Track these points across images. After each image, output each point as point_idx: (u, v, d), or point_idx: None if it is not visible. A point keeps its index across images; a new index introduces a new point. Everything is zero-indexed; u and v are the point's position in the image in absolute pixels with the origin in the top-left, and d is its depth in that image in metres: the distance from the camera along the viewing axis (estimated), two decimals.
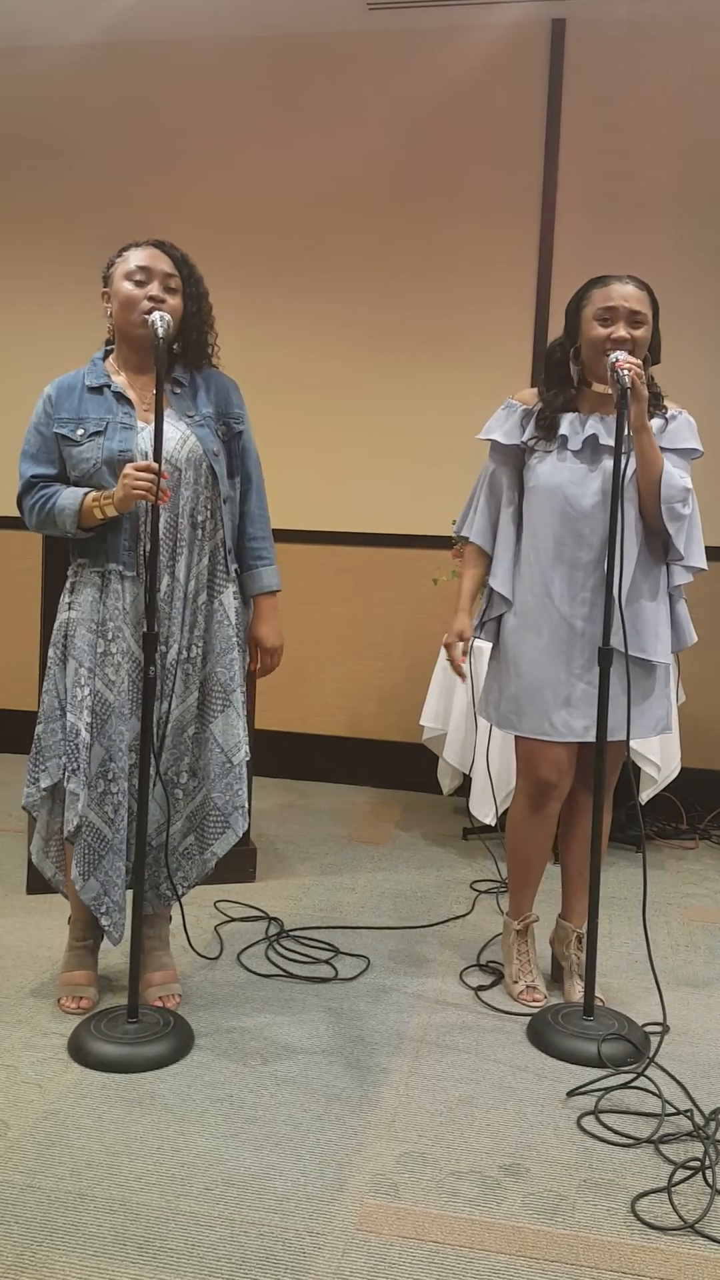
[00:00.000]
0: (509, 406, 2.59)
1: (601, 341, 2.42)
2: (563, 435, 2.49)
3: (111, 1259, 1.69)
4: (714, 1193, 1.90)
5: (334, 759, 4.51)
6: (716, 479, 4.07)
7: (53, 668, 2.40)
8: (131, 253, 2.36)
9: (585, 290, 2.49)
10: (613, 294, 2.42)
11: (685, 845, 3.89)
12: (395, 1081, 2.24)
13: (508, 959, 2.70)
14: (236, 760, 2.44)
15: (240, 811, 2.45)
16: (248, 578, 2.50)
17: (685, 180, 4.13)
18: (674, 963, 2.88)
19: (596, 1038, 2.35)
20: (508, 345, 4.25)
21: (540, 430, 2.52)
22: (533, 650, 2.52)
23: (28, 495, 2.38)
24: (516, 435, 2.55)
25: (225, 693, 2.42)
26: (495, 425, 2.60)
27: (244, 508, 2.49)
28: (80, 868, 2.36)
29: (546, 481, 2.50)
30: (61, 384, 2.40)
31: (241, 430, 2.47)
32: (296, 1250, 1.73)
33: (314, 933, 2.97)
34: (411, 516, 4.39)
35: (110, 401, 2.36)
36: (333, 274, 4.40)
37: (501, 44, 4.19)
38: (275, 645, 2.53)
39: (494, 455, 2.62)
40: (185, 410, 2.40)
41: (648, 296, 2.45)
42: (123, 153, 4.51)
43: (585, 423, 2.49)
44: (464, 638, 2.62)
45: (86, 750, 2.33)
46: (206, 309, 2.42)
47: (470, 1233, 1.78)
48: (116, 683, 2.35)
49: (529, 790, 2.58)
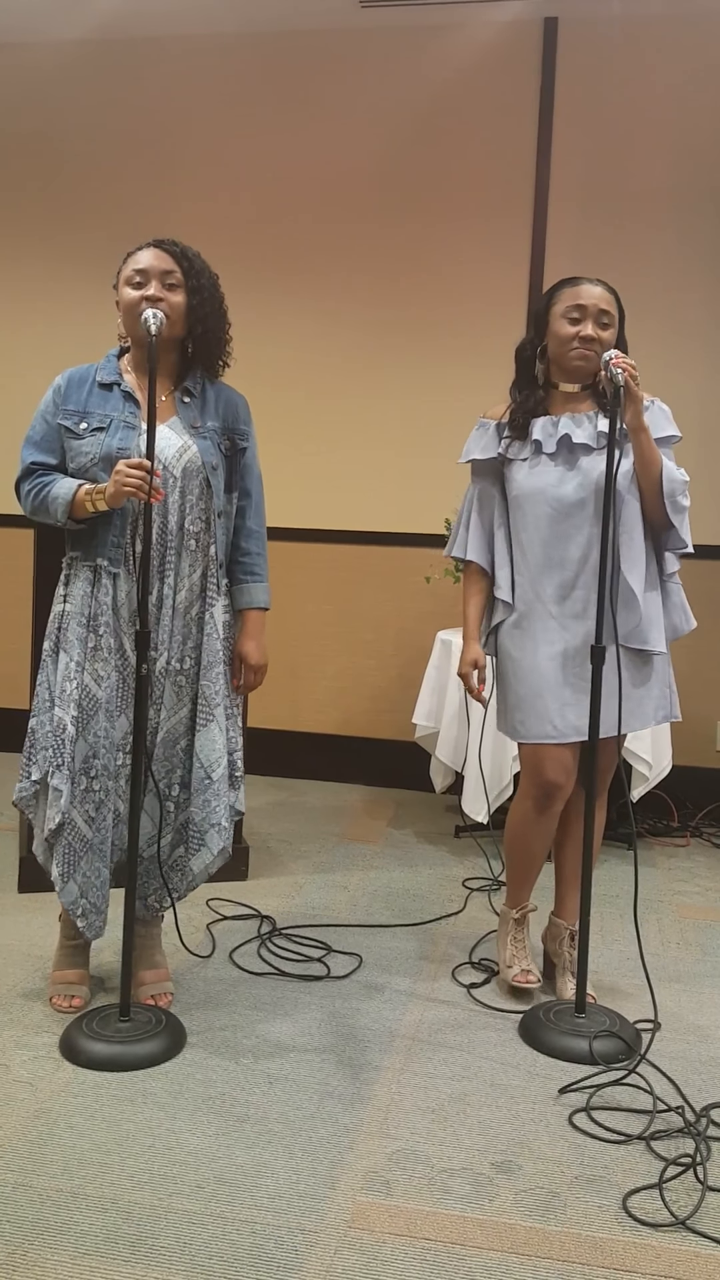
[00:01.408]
0: (482, 425, 2.62)
1: (570, 339, 2.46)
2: (536, 440, 2.52)
3: (104, 1257, 1.69)
4: (705, 1189, 1.91)
5: (326, 757, 4.51)
6: (710, 473, 4.08)
7: (46, 660, 2.40)
8: (134, 256, 2.36)
9: (555, 290, 2.53)
10: (582, 294, 2.47)
11: (676, 843, 3.90)
12: (387, 1079, 2.24)
13: (502, 945, 2.70)
14: (215, 775, 2.41)
15: (216, 829, 2.41)
16: (237, 592, 2.50)
17: (677, 179, 4.13)
18: (665, 960, 2.89)
19: (588, 1035, 2.36)
20: (499, 343, 4.21)
21: (512, 433, 2.54)
22: (530, 656, 2.52)
23: (25, 481, 2.39)
24: (493, 448, 2.58)
25: (209, 707, 2.41)
26: (473, 446, 2.62)
27: (240, 523, 2.49)
28: (60, 868, 2.35)
29: (526, 488, 2.52)
30: (73, 375, 2.41)
31: (246, 447, 2.47)
32: (289, 1248, 1.73)
33: (306, 931, 2.98)
34: (403, 514, 4.39)
35: (118, 400, 2.36)
36: (323, 271, 4.40)
37: (494, 42, 4.19)
38: (259, 663, 2.51)
39: (475, 475, 2.65)
40: (192, 421, 2.39)
41: (615, 300, 2.50)
42: (116, 149, 4.50)
43: (557, 424, 2.51)
44: (479, 665, 2.60)
45: (71, 745, 2.32)
46: (216, 301, 2.40)
47: (462, 1230, 1.79)
48: (105, 678, 2.34)
49: (535, 794, 2.56)
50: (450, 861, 3.62)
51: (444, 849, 3.74)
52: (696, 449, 4.12)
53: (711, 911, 3.27)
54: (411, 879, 3.44)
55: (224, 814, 2.43)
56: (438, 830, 3.94)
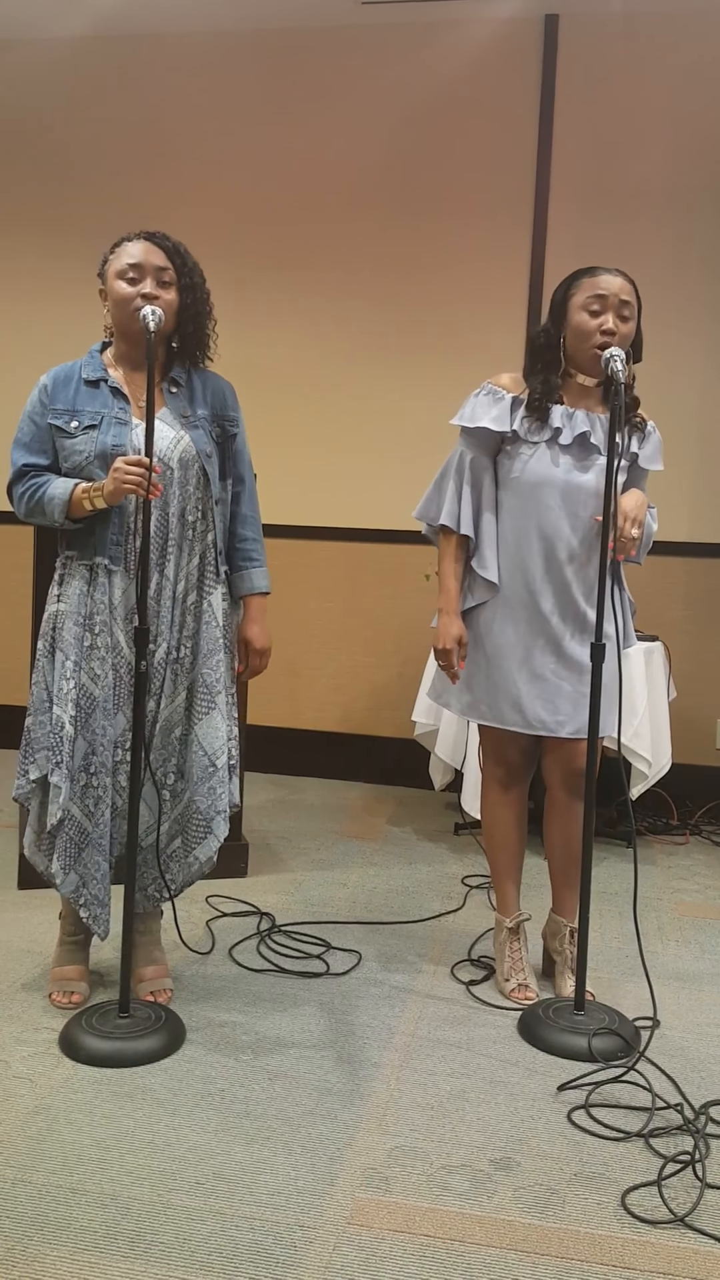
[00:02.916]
0: (493, 393, 2.52)
1: (592, 333, 2.41)
2: (556, 428, 2.48)
3: (103, 1253, 1.69)
4: (704, 1186, 1.91)
5: (326, 754, 4.51)
6: (710, 473, 4.08)
7: (41, 660, 2.40)
8: (124, 248, 2.34)
9: (574, 279, 2.48)
10: (601, 284, 2.42)
11: (676, 840, 3.90)
12: (386, 1076, 2.25)
13: (499, 957, 2.70)
14: (220, 764, 2.42)
15: (222, 816, 2.42)
16: (237, 579, 2.50)
17: (677, 176, 4.13)
18: (664, 957, 2.89)
19: (587, 1032, 2.36)
20: (499, 340, 4.25)
21: (531, 416, 2.48)
22: (508, 642, 2.52)
23: (18, 484, 2.38)
24: (506, 422, 2.50)
25: (210, 695, 2.41)
26: (481, 412, 2.51)
27: (236, 509, 2.49)
28: (60, 861, 2.36)
29: (536, 474, 2.48)
30: (58, 374, 2.39)
31: (236, 433, 2.47)
32: (288, 1244, 1.73)
33: (305, 928, 2.98)
34: (403, 512, 4.35)
35: (106, 396, 2.36)
36: (323, 269, 4.39)
37: (494, 39, 4.19)
38: (264, 646, 2.52)
39: (469, 441, 2.54)
40: (181, 411, 2.39)
41: (634, 290, 2.45)
42: (114, 146, 4.50)
43: (573, 416, 2.48)
44: (462, 643, 2.55)
45: (70, 744, 2.32)
46: (204, 299, 2.40)
47: (461, 1226, 1.79)
48: (102, 677, 2.34)
49: (498, 774, 2.65)
50: (449, 859, 3.62)
51: (443, 846, 3.74)
52: (697, 449, 4.12)
53: (711, 909, 3.27)
54: (411, 876, 3.44)
55: (228, 801, 2.44)
56: (437, 828, 3.94)
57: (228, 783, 2.44)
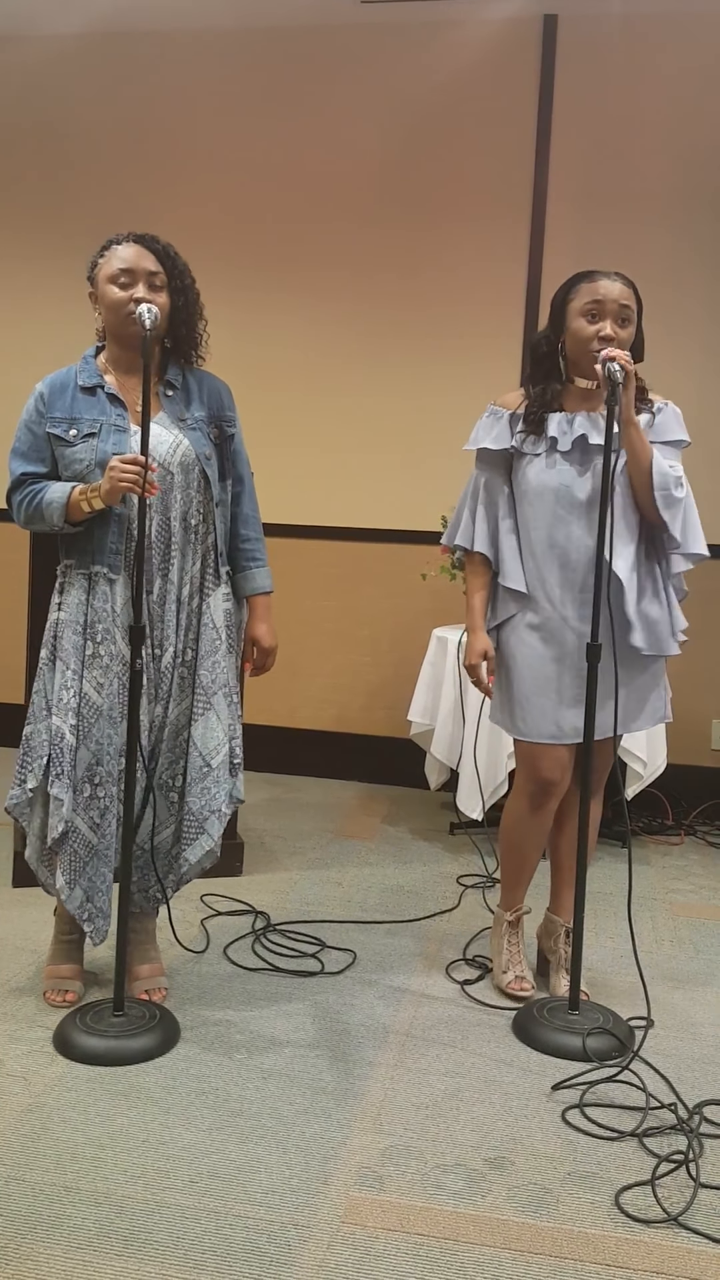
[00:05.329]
0: (494, 413, 2.57)
1: (590, 339, 2.41)
2: (551, 437, 2.49)
3: (96, 1251, 1.69)
4: (697, 1185, 1.91)
5: (322, 753, 4.51)
6: (710, 473, 4.08)
7: (43, 669, 2.39)
8: (114, 251, 2.33)
9: (572, 284, 2.48)
10: (599, 289, 2.42)
11: (671, 841, 3.91)
12: (381, 1075, 2.25)
13: (497, 950, 2.70)
14: (215, 764, 2.41)
15: (216, 816, 2.40)
16: (241, 579, 2.50)
17: (676, 177, 4.13)
18: (659, 957, 2.90)
19: (581, 1032, 2.36)
20: (498, 342, 4.25)
21: (528, 427, 2.51)
22: (533, 653, 2.51)
23: (16, 492, 2.37)
24: (506, 439, 2.53)
25: (206, 695, 2.41)
26: (483, 434, 2.57)
27: (236, 510, 2.49)
28: (66, 875, 2.34)
29: (538, 484, 2.49)
30: (54, 382, 2.39)
31: (234, 433, 2.47)
32: (282, 1243, 1.73)
33: (300, 927, 2.98)
34: (401, 512, 4.39)
35: (103, 403, 2.35)
36: (321, 269, 4.39)
37: (493, 39, 4.19)
38: (272, 645, 2.53)
39: (482, 464, 2.60)
40: (178, 414, 2.39)
41: (634, 294, 2.45)
42: (114, 145, 4.49)
43: (573, 422, 2.48)
44: (488, 657, 2.57)
45: (71, 754, 2.31)
46: (194, 300, 2.40)
47: (455, 1225, 1.79)
48: (105, 685, 2.33)
49: (531, 790, 2.56)
50: (445, 858, 3.62)
51: (438, 846, 3.75)
52: (697, 449, 4.09)
53: (705, 909, 3.27)
54: (406, 875, 3.44)
55: (223, 800, 2.42)
56: (432, 827, 3.94)
57: (224, 781, 2.43)
